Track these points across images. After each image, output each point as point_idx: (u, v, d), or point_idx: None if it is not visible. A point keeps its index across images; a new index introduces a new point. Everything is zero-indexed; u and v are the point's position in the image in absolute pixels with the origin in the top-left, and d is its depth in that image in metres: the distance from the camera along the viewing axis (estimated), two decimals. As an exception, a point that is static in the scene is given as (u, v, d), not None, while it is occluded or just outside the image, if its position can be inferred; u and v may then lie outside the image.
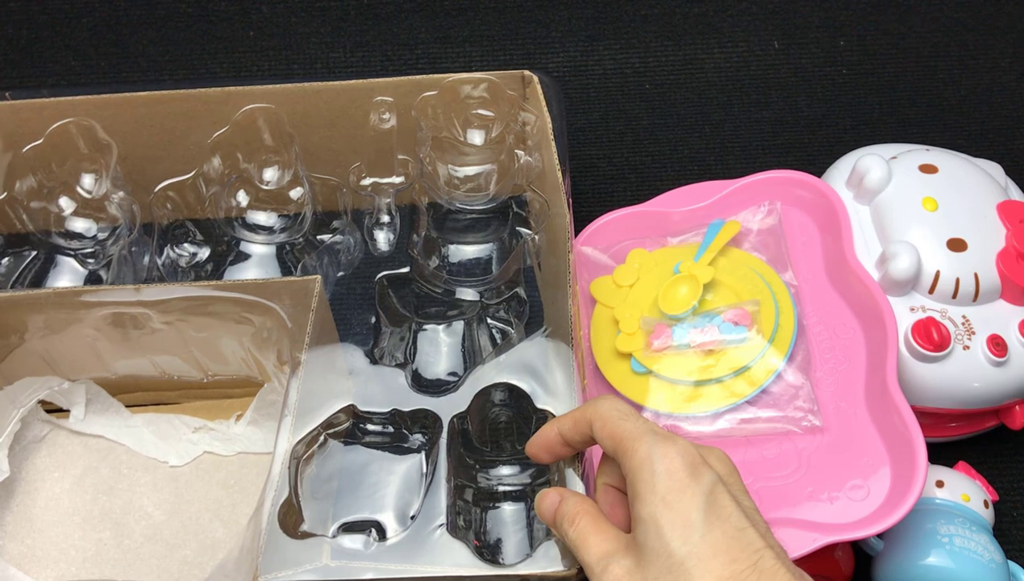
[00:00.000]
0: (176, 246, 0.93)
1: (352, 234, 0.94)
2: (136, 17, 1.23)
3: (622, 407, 0.65)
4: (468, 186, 0.93)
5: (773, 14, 1.22)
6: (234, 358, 0.89)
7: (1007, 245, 0.88)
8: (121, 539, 0.87)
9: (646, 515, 0.60)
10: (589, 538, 0.64)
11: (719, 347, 0.88)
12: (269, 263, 0.92)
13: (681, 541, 0.58)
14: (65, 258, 0.92)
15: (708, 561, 0.57)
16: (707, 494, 0.59)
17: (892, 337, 0.83)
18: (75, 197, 0.91)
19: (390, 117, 0.93)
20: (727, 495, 0.60)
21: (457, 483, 0.77)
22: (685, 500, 0.59)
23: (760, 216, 0.96)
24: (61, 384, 0.90)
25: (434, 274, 0.90)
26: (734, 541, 0.58)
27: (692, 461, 0.60)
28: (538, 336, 0.83)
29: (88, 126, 0.90)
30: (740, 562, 0.57)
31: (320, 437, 0.79)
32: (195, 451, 0.91)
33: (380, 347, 0.87)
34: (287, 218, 0.93)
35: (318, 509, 0.76)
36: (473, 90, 0.92)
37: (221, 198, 0.92)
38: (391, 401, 0.81)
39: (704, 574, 0.57)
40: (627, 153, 1.15)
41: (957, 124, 1.15)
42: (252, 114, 0.91)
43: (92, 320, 0.84)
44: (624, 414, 0.64)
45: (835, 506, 0.80)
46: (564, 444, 0.68)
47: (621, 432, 0.63)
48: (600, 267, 0.96)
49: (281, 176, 0.92)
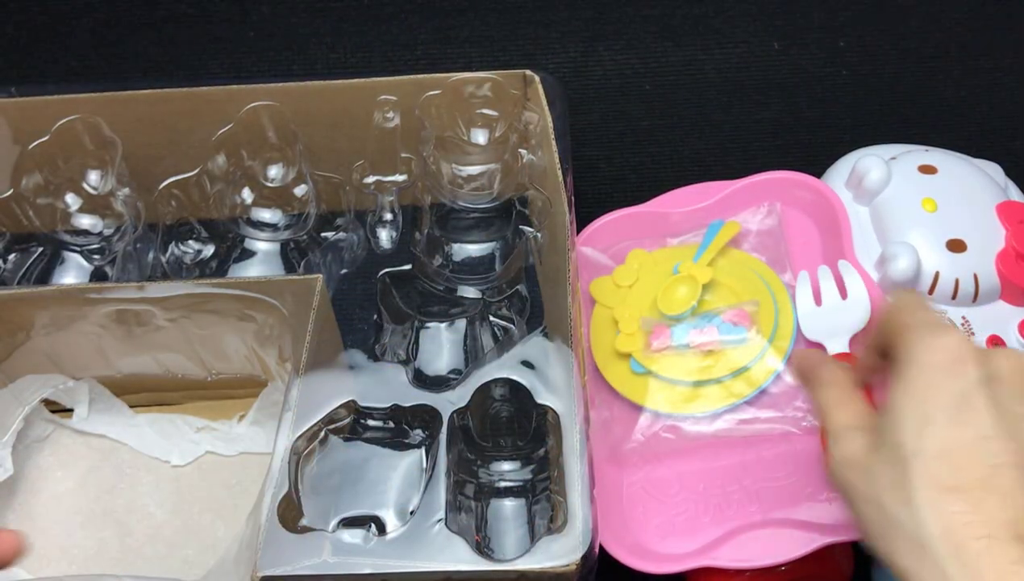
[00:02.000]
0: (180, 243, 0.93)
1: (355, 232, 0.94)
2: (136, 18, 1.23)
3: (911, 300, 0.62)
4: (472, 185, 0.93)
5: (773, 14, 1.22)
6: (237, 355, 0.89)
7: (1007, 246, 0.88)
8: (123, 538, 0.87)
9: (893, 402, 0.58)
10: (835, 407, 0.63)
11: (718, 348, 0.88)
12: (273, 260, 0.92)
13: (913, 436, 0.56)
14: (71, 254, 0.92)
15: (932, 462, 0.55)
16: (960, 394, 0.56)
17: (892, 337, 0.83)
18: (81, 194, 0.91)
19: (394, 116, 0.93)
20: (986, 398, 0.56)
21: (457, 479, 0.77)
22: (932, 397, 0.56)
23: (760, 217, 0.96)
24: (65, 383, 0.90)
25: (437, 272, 0.90)
26: (970, 448, 0.55)
27: (958, 356, 0.57)
28: (539, 333, 0.83)
29: (94, 123, 0.90)
30: (968, 472, 0.54)
31: (321, 433, 0.79)
32: (197, 451, 0.91)
33: (382, 344, 0.87)
34: (291, 216, 0.93)
35: (318, 504, 0.76)
36: (477, 89, 0.92)
37: (225, 196, 0.92)
38: (392, 397, 0.81)
39: (923, 476, 0.55)
40: (627, 153, 1.15)
41: (957, 124, 1.15)
42: (256, 112, 0.91)
43: (96, 317, 0.84)
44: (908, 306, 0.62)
45: (834, 506, 0.80)
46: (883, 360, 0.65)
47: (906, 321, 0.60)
48: (599, 267, 0.96)
49: (285, 174, 0.92)
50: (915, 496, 0.54)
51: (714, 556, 0.78)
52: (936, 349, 0.58)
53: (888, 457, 0.57)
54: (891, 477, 0.56)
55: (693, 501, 0.83)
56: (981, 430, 0.55)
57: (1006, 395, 0.57)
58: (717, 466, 0.85)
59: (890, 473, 0.56)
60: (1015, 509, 0.53)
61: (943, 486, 0.54)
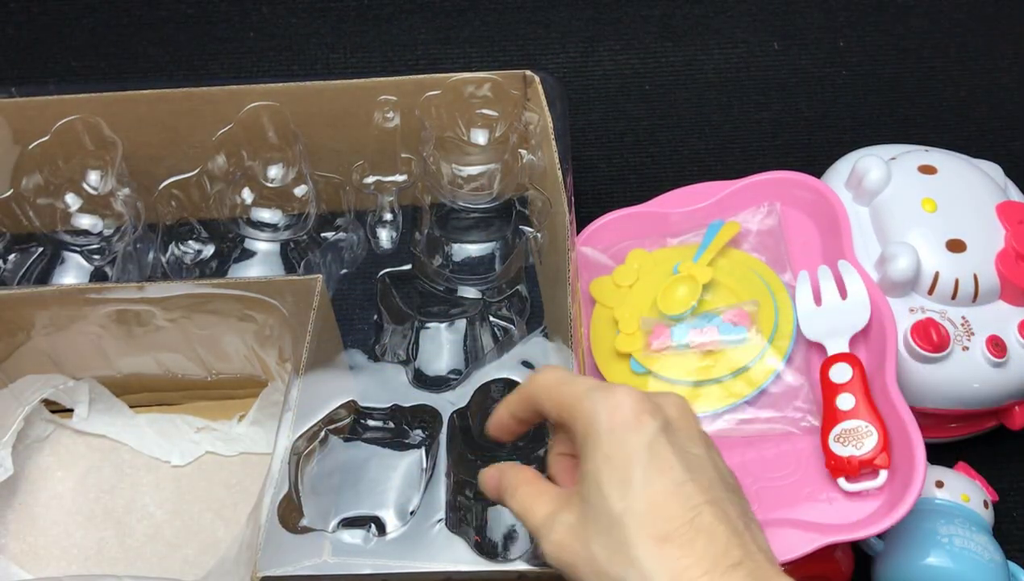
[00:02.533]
0: (181, 244, 0.93)
1: (355, 232, 0.94)
2: (136, 18, 1.23)
3: (562, 373, 0.64)
4: (472, 185, 0.93)
5: (773, 14, 1.22)
6: (237, 355, 0.89)
7: (1006, 246, 0.88)
8: (123, 538, 0.87)
9: (588, 471, 0.59)
10: (531, 503, 0.64)
11: (718, 347, 0.88)
12: (273, 261, 0.92)
13: (619, 497, 0.57)
14: (71, 254, 0.92)
15: (642, 518, 0.56)
16: (647, 447, 0.58)
17: (891, 338, 0.83)
18: (81, 194, 0.91)
19: (394, 116, 0.93)
20: (669, 446, 0.59)
21: (457, 479, 0.77)
22: (625, 455, 0.58)
23: (759, 217, 0.96)
24: (65, 382, 0.90)
25: (437, 272, 0.90)
26: (672, 497, 0.57)
27: (635, 411, 0.59)
28: (539, 333, 0.83)
29: (94, 123, 0.90)
30: (675, 520, 0.56)
31: (321, 433, 0.79)
32: (197, 451, 0.91)
33: (382, 344, 0.87)
34: (291, 216, 0.93)
35: (318, 504, 0.76)
36: (477, 90, 0.92)
37: (225, 196, 0.92)
38: (392, 398, 0.81)
39: (638, 531, 0.56)
40: (627, 153, 1.15)
41: (957, 124, 1.15)
42: (256, 112, 0.91)
43: (97, 317, 0.84)
44: (564, 379, 0.64)
45: (834, 507, 0.80)
46: (519, 422, 0.68)
47: (564, 396, 0.63)
48: (599, 267, 0.96)
49: (285, 174, 0.92)
50: (636, 554, 0.56)
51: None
52: (613, 409, 0.60)
53: (600, 525, 0.58)
54: (608, 543, 0.58)
55: (693, 501, 0.83)
56: (675, 477, 0.57)
57: (682, 439, 0.60)
58: (717, 466, 0.85)
59: (606, 539, 0.58)
60: (721, 542, 0.56)
61: (657, 537, 0.56)
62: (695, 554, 0.55)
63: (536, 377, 0.66)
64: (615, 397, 0.60)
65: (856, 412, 0.81)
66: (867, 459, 0.79)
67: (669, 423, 0.60)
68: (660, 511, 0.56)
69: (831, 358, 0.84)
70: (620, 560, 0.57)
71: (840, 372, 0.83)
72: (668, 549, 0.56)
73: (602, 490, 0.58)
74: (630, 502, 0.57)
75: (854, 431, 0.80)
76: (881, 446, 0.79)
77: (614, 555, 0.57)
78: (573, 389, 0.62)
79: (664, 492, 0.57)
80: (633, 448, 0.58)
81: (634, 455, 0.58)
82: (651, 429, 0.59)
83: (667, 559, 0.55)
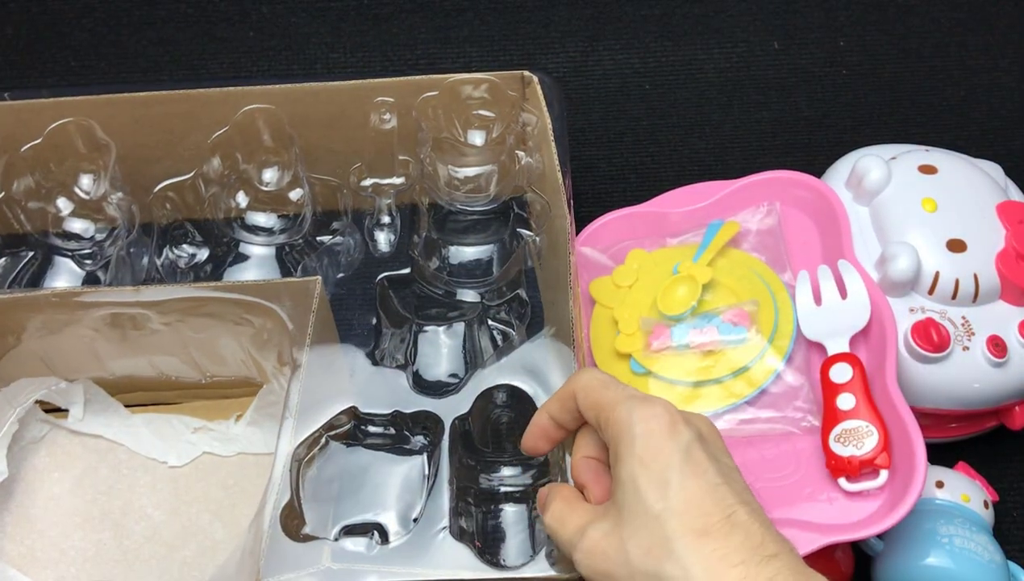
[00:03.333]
0: (175, 247, 0.92)
1: (352, 235, 0.94)
2: (136, 17, 1.23)
3: (603, 376, 0.66)
4: (469, 187, 0.93)
5: (773, 14, 1.22)
6: (233, 359, 0.89)
7: (1007, 246, 0.88)
8: (121, 540, 0.87)
9: (625, 476, 0.61)
10: (563, 517, 0.65)
11: (718, 348, 0.88)
12: (269, 264, 0.92)
13: (657, 497, 0.59)
14: (62, 259, 0.92)
15: (682, 515, 0.58)
16: (684, 451, 0.60)
17: (891, 338, 0.83)
18: (73, 198, 0.90)
19: (391, 118, 0.93)
20: (703, 452, 0.61)
21: (459, 485, 0.77)
22: (662, 458, 0.60)
23: (759, 216, 0.96)
24: (59, 384, 0.90)
25: (435, 275, 0.89)
26: (708, 496, 0.59)
27: (671, 420, 0.62)
28: (539, 338, 0.83)
29: (87, 126, 0.90)
30: (713, 515, 0.58)
31: (321, 439, 0.78)
32: (194, 451, 0.91)
33: (381, 348, 0.87)
34: (287, 219, 0.93)
35: (320, 511, 0.76)
36: (474, 91, 0.92)
37: (220, 199, 0.92)
38: (392, 403, 0.81)
39: (677, 527, 0.58)
40: (627, 153, 1.15)
41: (957, 124, 1.15)
42: (252, 115, 0.91)
43: (90, 320, 0.84)
44: (605, 383, 0.65)
45: (834, 507, 0.81)
46: (557, 427, 0.69)
47: (602, 400, 0.64)
48: (599, 267, 0.96)
49: (281, 177, 0.92)
50: (675, 547, 0.58)
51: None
52: (650, 418, 0.62)
53: (637, 525, 0.60)
54: (645, 541, 0.60)
55: (693, 501, 0.83)
56: (710, 479, 0.60)
57: (714, 450, 0.63)
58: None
59: (643, 538, 0.60)
60: (757, 537, 0.58)
61: (697, 531, 0.58)
62: (731, 545, 0.58)
63: (577, 377, 0.67)
64: (653, 407, 0.62)
65: (856, 412, 0.81)
66: (867, 459, 0.79)
67: (702, 434, 0.63)
68: (698, 508, 0.59)
69: (831, 358, 0.84)
70: (658, 555, 0.59)
71: (840, 372, 0.83)
72: (706, 542, 0.58)
73: (639, 492, 0.60)
74: (669, 501, 0.59)
75: (854, 431, 0.80)
76: (881, 446, 0.79)
77: (652, 551, 0.59)
78: (613, 394, 0.64)
79: (700, 492, 0.59)
80: (670, 452, 0.61)
81: (671, 458, 0.60)
82: (686, 437, 0.61)
83: (705, 551, 0.58)
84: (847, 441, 0.80)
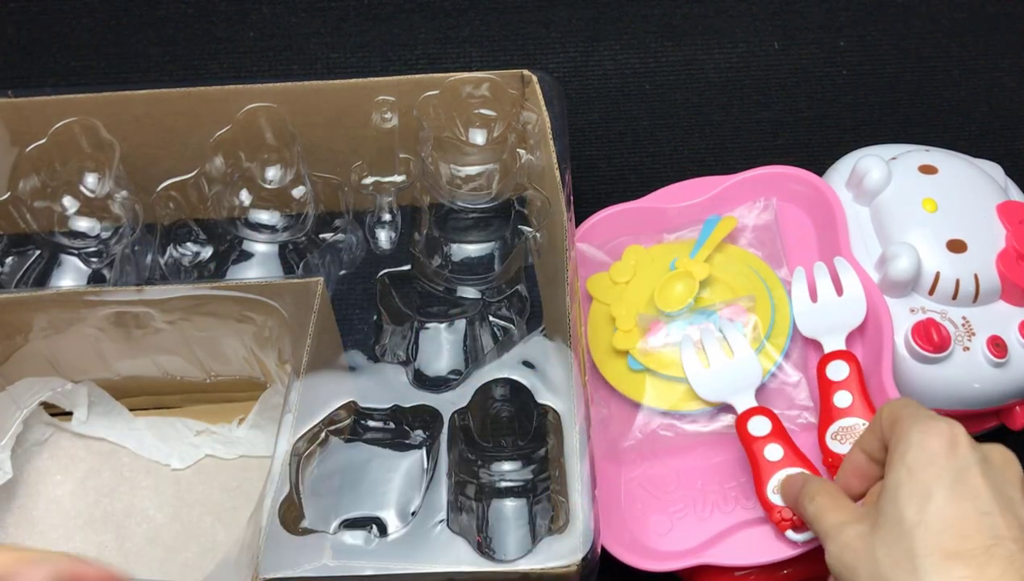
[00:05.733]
0: (179, 245, 0.93)
1: (354, 233, 0.94)
2: (136, 17, 1.23)
3: (908, 400, 0.66)
4: (470, 185, 0.93)
5: (773, 14, 1.22)
6: (236, 358, 0.89)
7: (1007, 246, 0.88)
8: (122, 542, 0.87)
9: (891, 482, 0.60)
10: (826, 511, 0.66)
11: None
12: (271, 262, 0.92)
13: (915, 509, 0.58)
14: (68, 257, 0.92)
15: (936, 534, 0.57)
16: (958, 471, 0.59)
17: (888, 336, 0.83)
18: (78, 196, 0.90)
19: (392, 116, 0.93)
20: (984, 478, 0.59)
21: (458, 479, 0.77)
22: (931, 472, 0.59)
23: (756, 212, 0.96)
24: (64, 385, 0.90)
25: (436, 273, 0.90)
26: (972, 521, 0.57)
27: (952, 439, 0.60)
28: (539, 333, 0.83)
29: (91, 125, 0.90)
30: (971, 541, 0.56)
31: (321, 434, 0.79)
32: (197, 454, 0.91)
33: (382, 345, 0.87)
34: (289, 217, 0.93)
35: (319, 506, 0.76)
36: (475, 90, 0.92)
37: (223, 197, 0.92)
38: (392, 398, 0.81)
39: (928, 545, 0.57)
40: (627, 153, 1.15)
41: (957, 124, 1.15)
42: (254, 113, 0.91)
43: (95, 319, 0.84)
44: (907, 403, 0.65)
45: (833, 504, 0.81)
46: (870, 461, 0.68)
47: (901, 414, 0.64)
48: (596, 264, 0.96)
49: (283, 175, 0.92)
50: (921, 564, 0.57)
51: (713, 553, 0.78)
52: (932, 433, 0.61)
53: (890, 533, 0.59)
54: (894, 551, 0.58)
55: (691, 498, 0.83)
56: (981, 506, 0.58)
57: (998, 478, 0.60)
58: (715, 463, 0.85)
59: (893, 547, 0.59)
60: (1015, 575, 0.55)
61: (947, 553, 0.56)
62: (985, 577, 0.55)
63: (886, 403, 0.67)
64: (938, 423, 0.61)
65: (853, 410, 0.81)
66: (864, 457, 0.79)
67: (989, 461, 0.60)
68: (956, 530, 0.57)
69: (828, 355, 0.84)
70: (904, 569, 0.57)
71: (837, 369, 0.83)
72: (955, 566, 0.56)
73: (899, 501, 0.59)
74: (925, 516, 0.58)
75: (851, 429, 0.80)
76: (878, 444, 0.79)
77: (898, 563, 0.58)
78: (912, 411, 0.64)
79: (964, 515, 0.57)
80: (941, 468, 0.59)
81: (940, 475, 0.59)
82: (967, 458, 0.59)
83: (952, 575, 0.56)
84: (844, 439, 0.80)
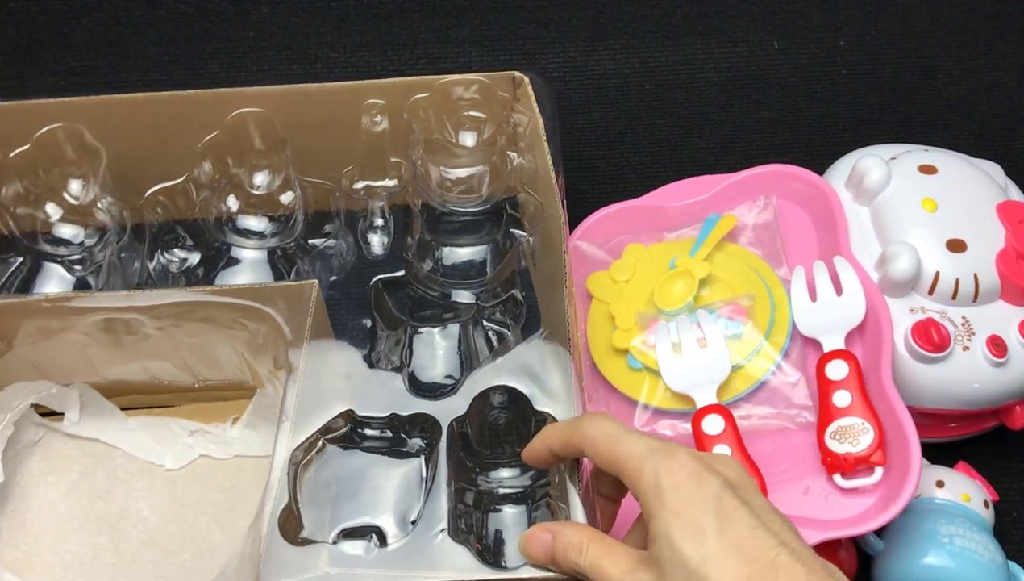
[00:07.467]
0: (166, 251, 0.92)
1: (345, 238, 0.93)
2: (136, 17, 1.23)
3: (610, 427, 0.65)
4: (460, 188, 0.92)
5: (773, 14, 1.22)
6: (228, 364, 0.89)
7: (1007, 245, 0.88)
8: (118, 544, 0.87)
9: (659, 531, 0.60)
10: (603, 562, 0.63)
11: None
12: (260, 268, 0.92)
13: (695, 548, 0.58)
14: (52, 265, 0.91)
15: (723, 562, 0.57)
16: (715, 499, 0.59)
17: (887, 335, 0.83)
18: (62, 203, 0.90)
19: (382, 120, 0.93)
20: (735, 498, 0.60)
21: (457, 487, 0.77)
22: (694, 509, 0.59)
23: (756, 211, 0.96)
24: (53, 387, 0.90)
25: (429, 277, 0.89)
26: (747, 541, 0.58)
27: (695, 470, 0.60)
28: (535, 338, 0.83)
29: (76, 131, 0.90)
30: (756, 561, 0.57)
31: (318, 443, 0.78)
32: (191, 454, 0.91)
33: (376, 351, 0.87)
34: (278, 222, 0.93)
35: (318, 515, 0.76)
36: (464, 92, 0.92)
37: (211, 203, 0.92)
38: (389, 405, 0.80)
39: (721, 575, 0.57)
40: (627, 153, 1.15)
41: (957, 124, 1.15)
42: (242, 118, 0.91)
43: (83, 326, 0.84)
44: (615, 436, 0.64)
45: (830, 503, 0.81)
46: (556, 458, 0.69)
47: (620, 455, 0.63)
48: (596, 262, 0.96)
49: (272, 180, 0.92)
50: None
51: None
52: (675, 470, 0.61)
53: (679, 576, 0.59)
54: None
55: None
56: (748, 523, 0.58)
57: (743, 493, 0.61)
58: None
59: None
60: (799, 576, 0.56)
61: (741, 577, 0.57)
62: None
63: (584, 428, 0.66)
64: (676, 459, 0.61)
65: (852, 409, 0.82)
66: (863, 456, 0.80)
67: (729, 480, 0.61)
68: (739, 554, 0.57)
69: (827, 354, 0.85)
70: None
71: (836, 369, 0.83)
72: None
73: (675, 545, 0.59)
74: (707, 550, 0.58)
75: (850, 428, 0.80)
76: (877, 443, 0.80)
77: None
78: (628, 447, 0.63)
79: (740, 537, 0.58)
80: (700, 501, 0.59)
81: (703, 508, 0.59)
82: (714, 484, 0.60)
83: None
84: (843, 438, 0.80)
